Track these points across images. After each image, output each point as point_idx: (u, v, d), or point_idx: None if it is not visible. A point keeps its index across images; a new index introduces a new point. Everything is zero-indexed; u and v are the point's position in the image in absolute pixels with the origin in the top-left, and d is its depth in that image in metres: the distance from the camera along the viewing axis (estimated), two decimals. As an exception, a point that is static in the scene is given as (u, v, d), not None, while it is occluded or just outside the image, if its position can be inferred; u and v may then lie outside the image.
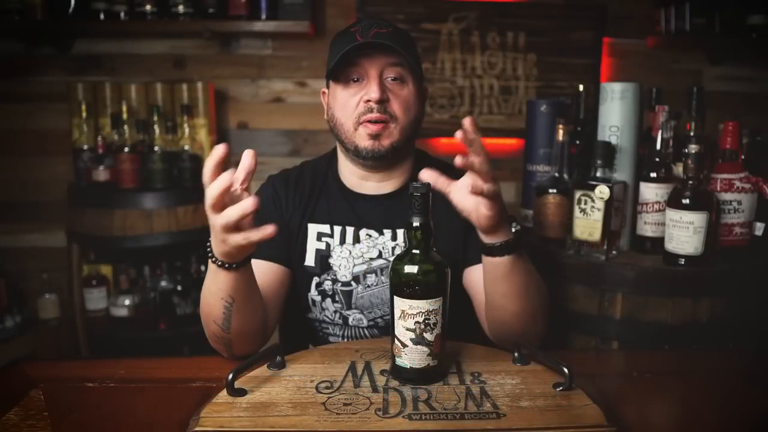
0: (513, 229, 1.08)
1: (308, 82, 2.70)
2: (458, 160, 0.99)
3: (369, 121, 1.21)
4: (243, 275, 1.03)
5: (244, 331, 1.09)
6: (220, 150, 0.92)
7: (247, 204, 0.90)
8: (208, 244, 1.02)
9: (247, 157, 0.95)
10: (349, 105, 1.22)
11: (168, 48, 2.68)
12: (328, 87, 1.30)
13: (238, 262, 1.01)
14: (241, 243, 0.94)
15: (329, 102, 1.29)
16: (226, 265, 1.00)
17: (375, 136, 1.21)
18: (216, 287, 1.04)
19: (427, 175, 1.03)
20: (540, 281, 1.18)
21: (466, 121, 0.99)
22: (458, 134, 0.99)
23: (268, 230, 0.92)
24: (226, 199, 0.92)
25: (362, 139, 1.22)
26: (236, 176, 0.94)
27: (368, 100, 1.20)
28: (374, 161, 1.25)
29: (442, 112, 2.72)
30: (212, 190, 0.91)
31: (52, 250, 2.68)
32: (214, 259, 1.01)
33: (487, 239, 1.08)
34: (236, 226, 0.92)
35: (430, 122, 2.71)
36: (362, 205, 1.30)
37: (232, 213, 0.91)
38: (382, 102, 1.20)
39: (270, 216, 1.29)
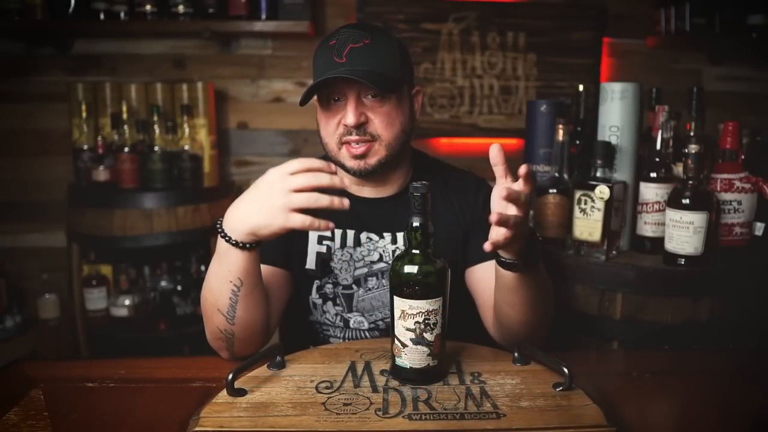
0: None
1: (308, 82, 2.68)
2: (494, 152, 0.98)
3: (351, 143, 1.20)
4: (253, 257, 1.04)
5: (248, 322, 1.09)
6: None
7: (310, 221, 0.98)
8: (219, 224, 1.03)
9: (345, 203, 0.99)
10: (330, 126, 1.21)
11: (168, 48, 2.68)
12: None
13: (256, 242, 1.02)
14: (300, 225, 0.98)
15: (317, 119, 1.27)
16: (241, 245, 1.00)
17: (360, 157, 1.20)
18: (226, 269, 1.04)
19: (495, 152, 0.99)
20: (550, 291, 1.17)
21: (522, 170, 0.97)
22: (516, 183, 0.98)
23: (330, 225, 0.99)
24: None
25: (347, 159, 1.21)
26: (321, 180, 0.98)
27: (345, 124, 1.18)
28: (363, 178, 1.25)
29: (442, 112, 2.72)
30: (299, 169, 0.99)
31: (52, 250, 2.68)
32: (227, 237, 1.00)
33: (501, 252, 1.06)
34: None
35: (430, 122, 2.71)
36: (362, 208, 1.30)
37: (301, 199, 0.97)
38: (360, 126, 1.18)
39: None
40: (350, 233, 1.29)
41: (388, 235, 1.28)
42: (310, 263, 1.29)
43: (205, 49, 2.69)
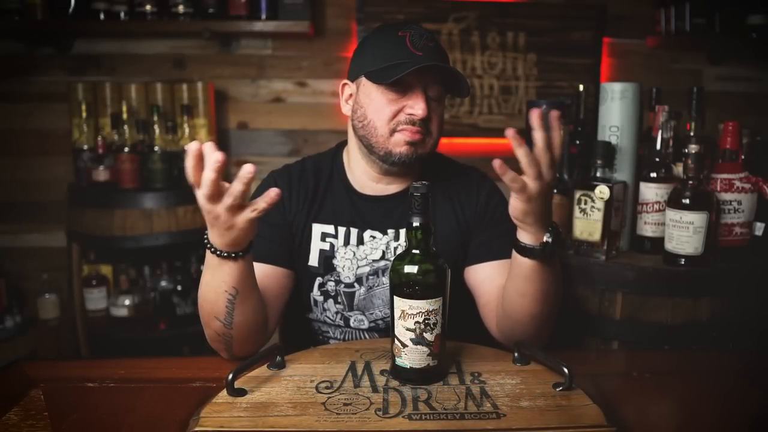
0: (545, 239, 1.06)
1: (308, 82, 2.70)
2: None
3: (408, 131, 1.20)
4: (246, 264, 1.04)
5: (246, 325, 1.09)
6: (194, 146, 0.91)
7: (245, 172, 0.91)
8: (206, 238, 1.03)
9: (272, 195, 0.94)
10: (387, 111, 1.20)
11: (168, 48, 2.68)
12: (351, 80, 1.27)
13: (243, 249, 1.02)
14: (251, 216, 0.95)
15: (360, 100, 1.24)
16: (232, 255, 1.01)
17: (413, 143, 1.20)
18: (219, 280, 1.04)
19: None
20: (560, 289, 1.17)
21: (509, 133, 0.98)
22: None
23: (271, 194, 0.93)
24: (220, 189, 0.93)
25: (397, 145, 1.20)
26: (234, 189, 0.93)
27: (412, 114, 1.18)
28: (401, 167, 1.24)
29: (442, 112, 2.72)
30: (207, 177, 0.91)
31: (52, 250, 2.68)
32: (217, 251, 1.01)
33: (519, 236, 1.08)
34: (240, 206, 0.94)
35: (430, 122, 2.71)
36: (367, 205, 1.30)
37: (236, 189, 0.92)
38: (426, 120, 1.20)
39: (273, 214, 1.28)
40: (354, 231, 1.29)
41: (391, 232, 1.28)
42: (313, 260, 1.29)
43: (205, 49, 2.69)
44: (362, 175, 1.30)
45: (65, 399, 0.99)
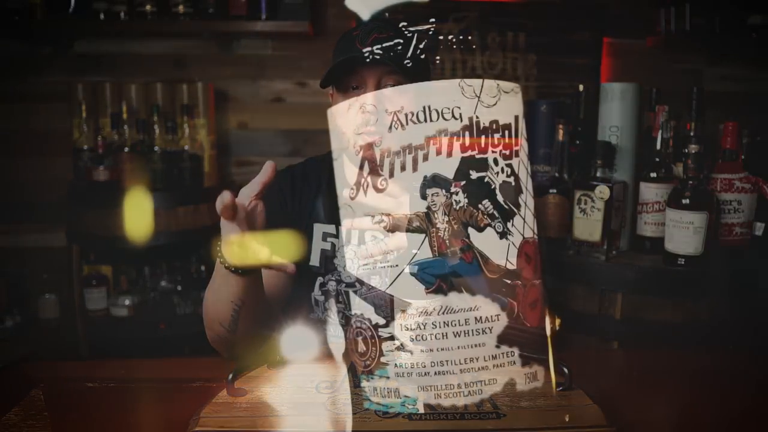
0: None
1: (308, 82, 2.70)
2: None
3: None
4: (254, 280, 1.03)
5: (251, 333, 1.09)
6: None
7: (262, 177, 0.97)
8: (219, 248, 1.02)
9: (268, 169, 0.98)
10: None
11: (168, 48, 2.68)
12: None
13: (253, 268, 1.01)
14: (252, 203, 0.98)
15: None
16: (240, 271, 1.00)
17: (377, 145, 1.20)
18: (227, 291, 1.03)
19: None
20: None
21: None
22: None
23: (289, 268, 0.97)
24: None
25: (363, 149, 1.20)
26: (251, 190, 0.96)
27: None
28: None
29: (442, 112, 2.72)
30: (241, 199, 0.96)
31: (52, 250, 2.67)
32: (226, 264, 1.00)
33: None
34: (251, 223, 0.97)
35: (430, 122, 2.70)
36: None
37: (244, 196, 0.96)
38: None
39: (275, 214, 1.28)
40: (355, 231, 1.29)
41: None
42: (314, 260, 1.29)
43: (205, 49, 2.68)
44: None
45: (65, 399, 0.99)
